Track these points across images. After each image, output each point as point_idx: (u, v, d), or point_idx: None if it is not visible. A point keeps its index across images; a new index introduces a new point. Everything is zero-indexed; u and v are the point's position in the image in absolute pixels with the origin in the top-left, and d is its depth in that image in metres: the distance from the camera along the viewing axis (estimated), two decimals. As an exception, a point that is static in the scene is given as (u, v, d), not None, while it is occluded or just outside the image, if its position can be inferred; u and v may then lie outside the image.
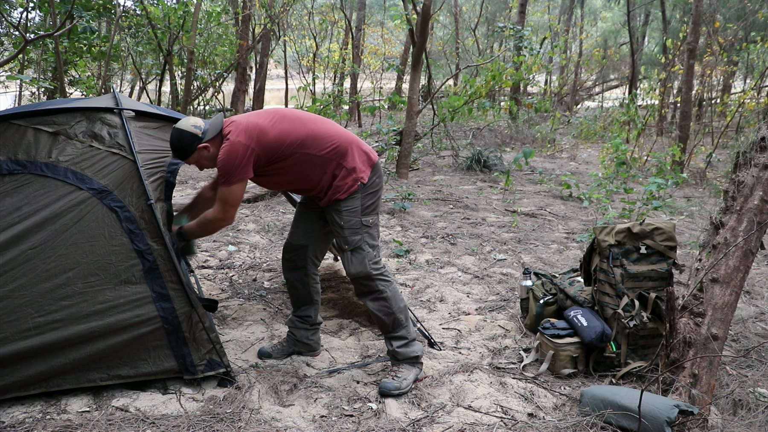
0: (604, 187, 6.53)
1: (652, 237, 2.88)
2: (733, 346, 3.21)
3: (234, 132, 2.49)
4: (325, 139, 2.61)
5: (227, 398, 2.51)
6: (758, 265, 4.67)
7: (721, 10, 12.57)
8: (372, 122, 14.15)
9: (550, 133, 11.20)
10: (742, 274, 2.46)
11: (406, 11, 7.85)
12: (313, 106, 8.52)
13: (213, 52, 12.56)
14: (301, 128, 2.59)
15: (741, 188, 2.54)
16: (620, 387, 2.55)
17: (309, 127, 2.60)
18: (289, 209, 6.03)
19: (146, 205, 2.51)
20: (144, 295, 2.47)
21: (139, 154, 2.59)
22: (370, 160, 2.70)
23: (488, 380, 2.77)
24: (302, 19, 17.36)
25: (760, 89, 10.11)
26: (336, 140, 2.62)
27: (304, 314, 2.96)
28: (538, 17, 20.66)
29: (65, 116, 2.61)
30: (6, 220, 2.39)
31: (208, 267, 4.32)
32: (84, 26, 9.04)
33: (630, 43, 14.52)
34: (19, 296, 2.34)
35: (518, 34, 9.92)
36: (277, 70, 25.15)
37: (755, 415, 2.46)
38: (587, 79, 19.17)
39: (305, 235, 2.88)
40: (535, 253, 4.85)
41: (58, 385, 2.42)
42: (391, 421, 2.43)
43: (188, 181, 7.46)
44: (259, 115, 2.59)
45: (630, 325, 2.77)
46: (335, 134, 2.64)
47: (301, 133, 2.57)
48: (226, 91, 16.06)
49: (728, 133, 10.78)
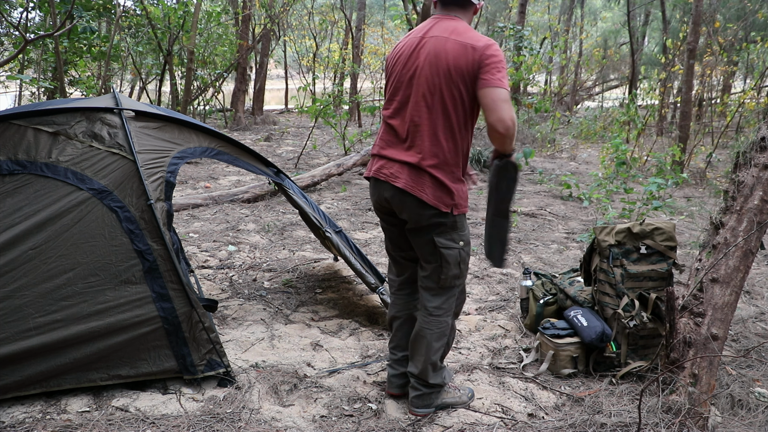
0: (604, 187, 6.53)
1: (652, 237, 2.88)
2: (733, 346, 3.21)
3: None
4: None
5: (227, 398, 2.51)
6: (758, 265, 4.67)
7: (721, 10, 12.58)
8: (372, 122, 14.14)
9: (550, 133, 11.19)
10: (742, 274, 2.46)
11: (406, 11, 7.85)
12: (313, 106, 8.52)
13: (213, 52, 12.57)
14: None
15: (741, 188, 2.54)
16: None
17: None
18: (290, 209, 6.03)
19: (146, 205, 2.51)
20: (144, 295, 2.48)
21: (139, 154, 2.59)
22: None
23: (488, 380, 2.77)
24: (302, 19, 17.37)
25: (760, 89, 10.11)
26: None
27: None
28: (538, 17, 20.66)
29: (65, 116, 2.61)
30: (6, 220, 2.39)
31: (208, 267, 4.32)
32: (84, 26, 9.04)
33: (630, 43, 14.51)
34: (20, 296, 2.34)
35: (518, 34, 9.92)
36: (277, 70, 25.17)
37: (755, 415, 2.46)
38: (587, 79, 19.17)
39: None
40: (535, 253, 4.85)
41: (58, 385, 2.42)
42: (391, 421, 2.43)
43: (188, 181, 7.47)
44: None
45: (630, 325, 2.77)
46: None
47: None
48: (226, 91, 16.08)
49: (728, 133, 10.78)
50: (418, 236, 2.32)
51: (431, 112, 2.21)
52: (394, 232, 2.48)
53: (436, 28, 2.26)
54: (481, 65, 2.14)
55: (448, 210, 2.25)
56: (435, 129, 2.21)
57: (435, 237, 2.28)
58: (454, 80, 2.17)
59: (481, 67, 2.14)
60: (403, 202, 2.26)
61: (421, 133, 2.22)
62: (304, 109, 9.16)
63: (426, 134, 2.22)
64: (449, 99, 2.19)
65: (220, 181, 7.63)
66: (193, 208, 5.91)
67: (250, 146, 5.05)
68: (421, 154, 2.22)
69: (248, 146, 3.11)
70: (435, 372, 2.44)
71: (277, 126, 13.80)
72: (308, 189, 6.99)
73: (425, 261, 2.37)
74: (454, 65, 2.16)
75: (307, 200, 3.36)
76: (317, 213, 3.34)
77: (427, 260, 2.35)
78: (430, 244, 2.29)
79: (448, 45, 2.18)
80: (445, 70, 2.17)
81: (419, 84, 2.23)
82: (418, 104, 2.23)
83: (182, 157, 2.75)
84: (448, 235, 2.29)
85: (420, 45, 2.26)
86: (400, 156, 2.27)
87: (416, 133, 2.24)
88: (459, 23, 2.26)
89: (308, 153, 9.84)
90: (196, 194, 6.38)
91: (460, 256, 2.33)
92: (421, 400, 2.46)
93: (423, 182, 2.22)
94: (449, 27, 2.24)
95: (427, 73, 2.21)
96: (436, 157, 2.22)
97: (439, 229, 2.28)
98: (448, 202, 2.24)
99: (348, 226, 5.54)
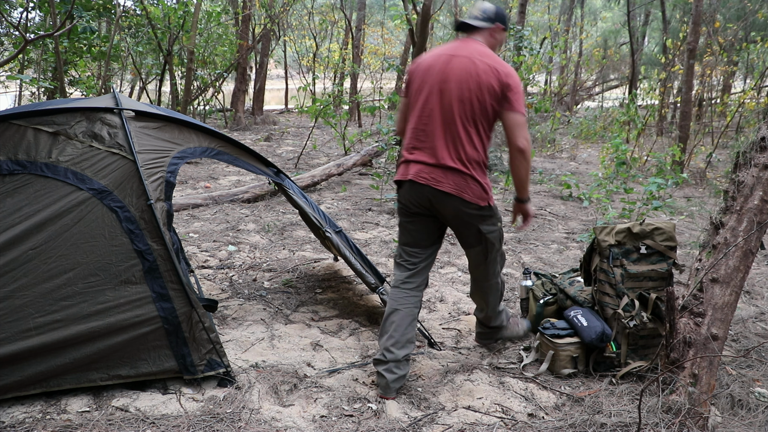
0: (604, 187, 6.53)
1: (652, 237, 2.88)
2: (733, 346, 3.21)
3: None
4: None
5: (227, 398, 2.51)
6: (758, 265, 4.67)
7: (721, 10, 12.57)
8: (372, 122, 14.15)
9: (550, 133, 11.19)
10: (742, 274, 2.46)
11: (406, 11, 7.85)
12: (313, 106, 8.52)
13: (213, 52, 12.57)
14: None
15: (741, 188, 2.54)
16: None
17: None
18: (290, 209, 6.03)
19: (146, 205, 2.51)
20: (144, 295, 2.48)
21: (139, 154, 2.59)
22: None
23: (488, 380, 2.77)
24: (302, 19, 17.38)
25: (760, 89, 10.11)
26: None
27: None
28: (538, 17, 20.65)
29: (65, 116, 2.61)
30: (7, 220, 2.39)
31: (208, 267, 4.32)
32: (84, 26, 9.04)
33: (630, 43, 14.51)
34: (20, 296, 2.34)
35: (518, 34, 9.90)
36: (277, 70, 25.18)
37: (755, 415, 2.46)
38: (587, 79, 19.16)
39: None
40: (535, 253, 4.85)
41: (58, 385, 2.42)
42: (391, 421, 2.43)
43: (188, 181, 7.47)
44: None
45: (630, 325, 2.77)
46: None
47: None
48: (226, 91, 16.08)
49: (728, 133, 10.78)
50: (464, 228, 2.73)
51: (465, 121, 2.58)
52: (419, 228, 2.80)
53: (464, 49, 2.63)
54: (504, 89, 2.54)
55: (486, 204, 2.65)
56: (470, 136, 2.59)
57: (480, 226, 2.69)
58: (483, 95, 2.54)
59: (504, 90, 2.54)
60: (447, 203, 2.63)
61: (460, 140, 2.58)
62: (304, 109, 9.16)
63: (464, 141, 2.58)
64: (479, 111, 2.57)
65: (220, 181, 7.63)
66: (193, 208, 5.91)
67: (250, 146, 5.05)
68: (461, 160, 2.59)
69: (248, 146, 3.11)
70: (495, 317, 3.07)
71: (277, 126, 13.80)
72: (308, 189, 6.99)
73: (469, 246, 2.80)
74: (484, 82, 2.53)
75: (307, 200, 3.36)
76: (317, 213, 3.34)
77: (471, 245, 2.79)
78: (476, 232, 2.71)
79: (478, 65, 2.55)
80: (476, 86, 2.54)
81: (452, 96, 2.57)
82: (452, 114, 2.58)
83: (182, 157, 2.75)
84: (490, 221, 2.72)
85: (451, 62, 2.61)
86: (441, 161, 2.60)
87: (455, 140, 2.59)
88: (484, 47, 2.64)
89: (308, 153, 9.84)
90: (196, 194, 6.38)
91: (500, 233, 2.81)
92: (485, 336, 3.15)
93: (467, 185, 2.60)
94: (477, 49, 2.62)
95: (459, 87, 2.56)
96: (474, 161, 2.60)
97: (483, 220, 2.70)
98: (484, 197, 2.65)
99: (348, 226, 5.54)
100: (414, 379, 2.80)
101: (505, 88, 2.53)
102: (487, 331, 3.13)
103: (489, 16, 2.73)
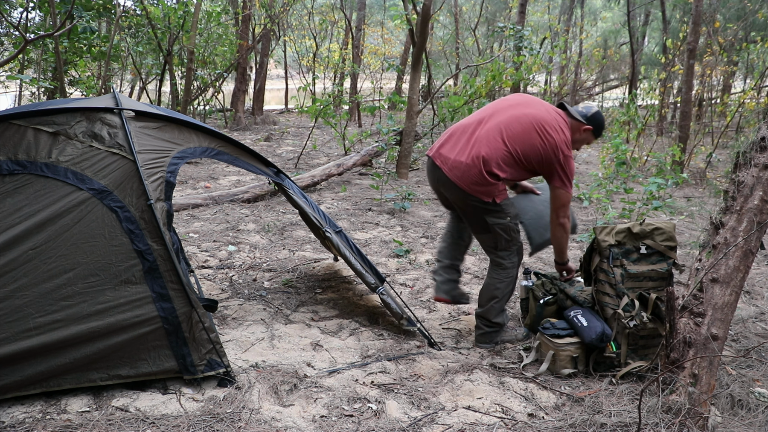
0: (604, 187, 6.53)
1: (652, 237, 2.88)
2: (733, 346, 3.21)
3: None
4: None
5: (227, 398, 2.51)
6: (758, 265, 4.67)
7: (721, 10, 12.57)
8: (372, 122, 14.15)
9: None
10: (742, 274, 2.46)
11: (406, 11, 7.85)
12: (313, 106, 8.52)
13: (213, 52, 12.56)
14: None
15: (741, 188, 2.54)
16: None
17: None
18: (290, 209, 6.03)
19: (146, 205, 2.51)
20: (144, 295, 2.48)
21: (139, 154, 2.59)
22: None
23: (488, 380, 2.77)
24: (302, 19, 17.37)
25: (760, 89, 10.11)
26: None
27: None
28: (538, 17, 20.65)
29: (65, 116, 2.61)
30: (6, 220, 2.39)
31: (208, 267, 4.32)
32: (84, 26, 9.04)
33: (630, 43, 14.51)
34: (20, 296, 2.34)
35: (518, 34, 9.91)
36: (277, 70, 25.17)
37: (755, 415, 2.46)
38: (587, 79, 19.15)
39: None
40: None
41: (58, 385, 2.42)
42: (391, 421, 2.43)
43: (188, 181, 7.47)
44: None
45: (630, 325, 2.77)
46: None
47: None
48: (226, 91, 16.08)
49: (728, 133, 10.78)
50: (469, 216, 3.07)
51: (505, 137, 2.90)
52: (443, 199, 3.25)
53: (549, 111, 2.96)
54: (556, 152, 2.88)
55: (491, 200, 2.94)
56: (501, 153, 2.93)
57: (485, 217, 2.99)
58: (532, 132, 2.88)
59: (555, 153, 2.88)
60: (453, 191, 2.98)
61: (487, 147, 2.95)
62: (304, 109, 9.15)
63: (492, 150, 2.95)
64: (522, 138, 2.91)
65: (220, 181, 7.63)
66: (193, 208, 5.91)
67: (250, 146, 5.05)
68: (478, 158, 2.91)
69: (248, 146, 3.11)
70: (497, 314, 3.12)
71: (277, 126, 13.80)
72: (308, 189, 6.99)
73: (476, 232, 3.11)
74: (545, 129, 2.86)
75: (307, 200, 3.36)
76: (317, 213, 3.33)
77: (478, 231, 3.09)
78: (482, 221, 3.03)
79: (548, 119, 2.88)
80: (535, 121, 2.88)
81: (506, 115, 2.94)
82: (498, 129, 2.93)
83: (182, 157, 2.75)
84: (496, 215, 2.98)
85: (528, 104, 2.97)
86: (459, 156, 2.98)
87: (481, 145, 2.94)
88: (566, 125, 2.94)
89: (308, 153, 9.84)
90: (196, 194, 6.38)
91: (509, 226, 3.03)
92: (484, 337, 3.18)
93: (472, 178, 2.92)
94: (557, 119, 2.93)
95: (518, 115, 2.91)
96: (491, 171, 2.94)
97: (488, 213, 2.96)
98: (490, 193, 2.93)
99: (348, 226, 5.54)
100: (414, 379, 2.80)
101: (557, 151, 2.85)
102: (486, 330, 3.17)
103: (586, 114, 3.01)
